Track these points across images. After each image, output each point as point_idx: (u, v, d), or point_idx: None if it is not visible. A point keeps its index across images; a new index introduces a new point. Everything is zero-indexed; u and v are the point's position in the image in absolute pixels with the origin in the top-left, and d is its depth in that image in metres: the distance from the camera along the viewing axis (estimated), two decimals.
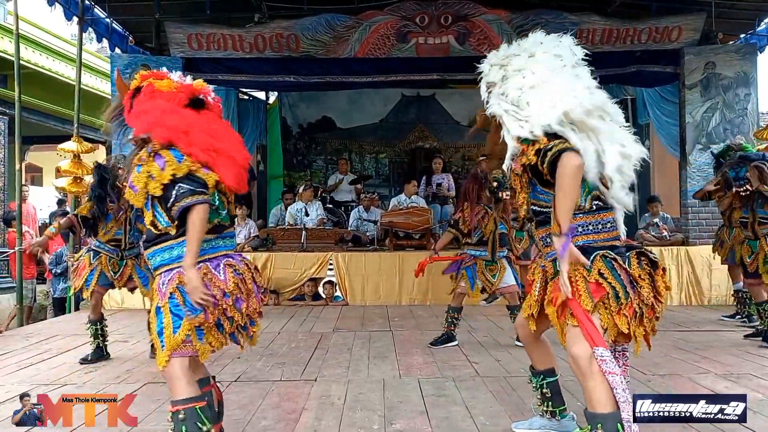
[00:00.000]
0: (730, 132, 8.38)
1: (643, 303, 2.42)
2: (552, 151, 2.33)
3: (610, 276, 2.39)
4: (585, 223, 2.48)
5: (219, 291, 2.47)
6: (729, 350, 5.15)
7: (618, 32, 8.61)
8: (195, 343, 2.45)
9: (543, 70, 2.54)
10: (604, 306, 2.41)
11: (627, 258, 2.44)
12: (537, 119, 2.43)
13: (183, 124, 2.50)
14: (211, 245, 2.56)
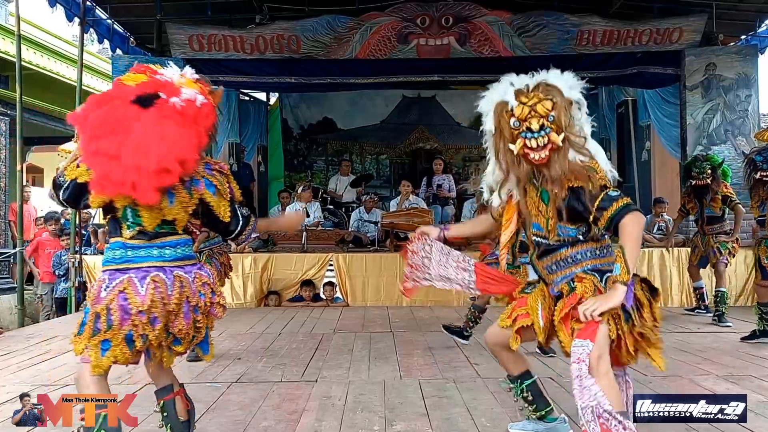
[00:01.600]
0: (730, 133, 8.39)
1: (645, 326, 2.45)
2: (619, 202, 2.39)
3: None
4: (593, 248, 2.56)
5: (135, 307, 2.36)
6: (730, 352, 5.14)
7: (619, 34, 8.62)
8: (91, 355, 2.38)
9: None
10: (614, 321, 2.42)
11: (633, 283, 2.45)
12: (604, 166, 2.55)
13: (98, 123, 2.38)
14: (140, 254, 2.44)
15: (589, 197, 2.41)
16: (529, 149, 2.47)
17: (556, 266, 2.59)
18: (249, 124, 12.40)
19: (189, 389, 4.15)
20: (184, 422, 2.64)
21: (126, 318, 2.35)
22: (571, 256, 2.56)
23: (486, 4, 8.78)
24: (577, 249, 2.56)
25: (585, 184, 2.41)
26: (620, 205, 2.37)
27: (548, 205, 2.54)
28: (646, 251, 8.09)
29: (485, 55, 8.82)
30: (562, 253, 2.58)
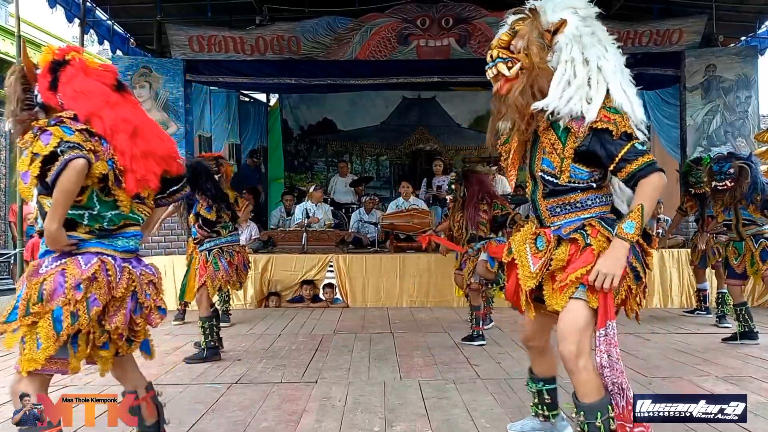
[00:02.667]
0: (730, 134, 8.40)
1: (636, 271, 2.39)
2: (645, 158, 2.27)
3: (631, 255, 2.32)
4: (601, 195, 2.45)
5: (72, 279, 2.22)
6: (730, 353, 5.14)
7: (619, 35, 8.53)
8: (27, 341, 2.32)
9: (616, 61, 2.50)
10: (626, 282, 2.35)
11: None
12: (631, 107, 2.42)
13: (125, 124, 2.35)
14: (90, 241, 2.32)
15: (613, 144, 2.27)
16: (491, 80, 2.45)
17: (562, 209, 2.44)
18: (249, 124, 12.41)
19: (189, 390, 4.17)
20: (151, 425, 2.60)
21: (59, 291, 2.21)
22: (581, 201, 2.42)
23: (486, 5, 8.78)
24: (588, 194, 2.42)
25: (611, 127, 2.27)
26: (646, 161, 2.25)
27: (565, 144, 2.37)
28: None
29: (485, 56, 8.80)
30: (572, 197, 2.42)
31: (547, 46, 2.36)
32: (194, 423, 3.45)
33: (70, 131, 2.22)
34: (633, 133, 2.30)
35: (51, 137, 2.18)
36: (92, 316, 2.25)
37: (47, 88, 2.37)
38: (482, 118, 13.24)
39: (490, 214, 5.21)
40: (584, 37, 2.38)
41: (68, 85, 2.33)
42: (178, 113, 8.57)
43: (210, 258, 5.17)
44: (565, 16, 2.36)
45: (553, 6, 2.39)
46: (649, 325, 6.54)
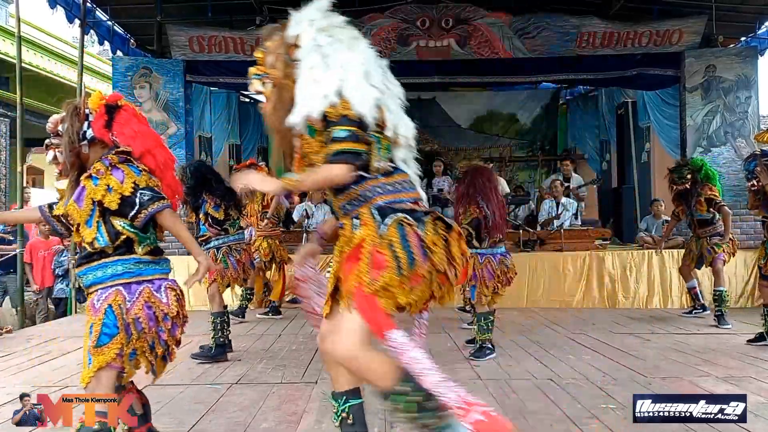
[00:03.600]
0: (730, 135, 8.39)
1: (435, 270, 2.23)
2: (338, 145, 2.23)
3: (398, 246, 2.17)
4: (383, 184, 2.33)
5: (161, 313, 2.53)
6: (729, 353, 5.14)
7: (619, 35, 8.62)
8: (125, 362, 2.49)
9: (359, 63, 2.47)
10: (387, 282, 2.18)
11: (423, 223, 2.25)
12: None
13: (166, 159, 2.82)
14: (147, 268, 2.64)
15: (332, 125, 2.25)
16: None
17: (351, 206, 2.34)
18: (249, 125, 12.41)
19: (189, 390, 4.17)
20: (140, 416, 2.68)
21: (152, 326, 2.51)
22: (362, 194, 2.30)
23: (486, 6, 8.78)
24: (368, 185, 2.30)
25: (329, 110, 2.24)
26: (338, 148, 2.21)
27: (314, 137, 2.34)
28: (646, 252, 8.09)
29: (485, 56, 8.82)
30: (354, 190, 2.32)
31: (292, 61, 2.38)
32: (194, 423, 3.45)
33: (138, 171, 2.61)
34: (352, 118, 2.24)
35: (124, 176, 2.56)
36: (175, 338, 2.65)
37: (103, 126, 2.68)
38: (482, 118, 13.25)
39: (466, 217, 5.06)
40: (324, 47, 2.37)
41: (126, 126, 2.70)
42: (178, 114, 8.56)
43: (219, 256, 5.24)
44: (302, 29, 2.41)
45: (295, 20, 2.44)
46: (649, 326, 6.55)
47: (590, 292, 8.05)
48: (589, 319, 6.98)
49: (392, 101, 2.44)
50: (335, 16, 2.52)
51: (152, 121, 8.44)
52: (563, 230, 8.29)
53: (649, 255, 8.04)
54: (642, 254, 8.10)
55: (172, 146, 8.45)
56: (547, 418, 3.48)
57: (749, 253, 7.65)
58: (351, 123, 2.23)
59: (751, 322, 6.29)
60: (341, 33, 2.48)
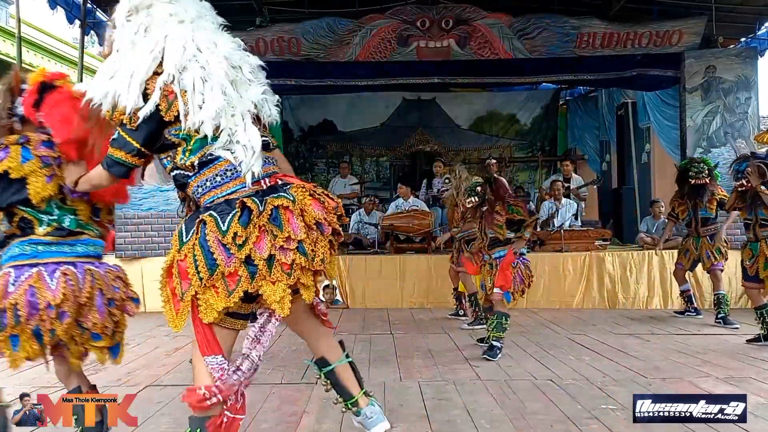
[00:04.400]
0: (730, 135, 8.39)
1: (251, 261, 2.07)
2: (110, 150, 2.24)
3: (198, 250, 2.07)
4: (202, 181, 2.19)
5: (44, 301, 2.42)
6: (730, 354, 5.14)
7: (619, 36, 8.62)
8: (5, 351, 2.46)
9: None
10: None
11: (227, 215, 2.08)
12: None
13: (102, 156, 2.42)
14: (46, 250, 2.52)
15: None
16: None
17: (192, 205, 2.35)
18: None
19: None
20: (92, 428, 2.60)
21: (34, 313, 2.41)
22: (194, 191, 2.24)
23: (486, 6, 8.78)
24: (192, 186, 2.23)
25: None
26: (108, 152, 2.23)
27: None
28: (646, 253, 8.09)
29: (485, 57, 8.82)
30: (188, 191, 2.28)
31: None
32: None
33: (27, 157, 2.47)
34: (126, 124, 2.15)
35: (6, 156, 2.46)
36: (66, 326, 2.48)
37: (31, 105, 2.56)
38: (482, 119, 13.26)
39: (504, 215, 5.15)
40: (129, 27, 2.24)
41: (55, 108, 2.52)
42: None
43: None
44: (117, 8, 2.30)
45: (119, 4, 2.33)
46: (649, 326, 6.55)
47: (590, 293, 8.05)
48: (589, 320, 6.98)
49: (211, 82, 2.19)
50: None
51: None
52: (563, 231, 8.29)
53: (650, 256, 8.04)
54: (642, 255, 8.10)
55: None
56: (547, 418, 3.48)
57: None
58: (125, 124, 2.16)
59: (750, 322, 6.28)
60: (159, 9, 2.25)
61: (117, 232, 8.47)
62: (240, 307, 2.22)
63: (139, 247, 8.32)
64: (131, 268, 8.19)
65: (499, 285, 5.08)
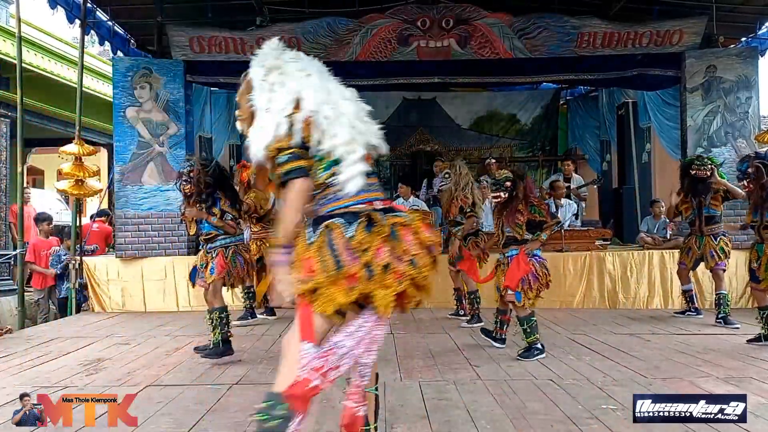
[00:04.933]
0: (731, 135, 8.38)
1: (375, 265, 2.33)
2: (284, 167, 2.45)
3: (325, 249, 2.35)
4: (326, 195, 2.49)
5: None
6: (730, 354, 5.14)
7: (619, 36, 8.61)
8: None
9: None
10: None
11: (354, 225, 2.38)
12: None
13: None
14: None
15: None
16: None
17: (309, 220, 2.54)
18: None
19: (190, 391, 4.17)
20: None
21: None
22: (313, 209, 2.51)
23: (486, 6, 8.77)
24: (316, 201, 2.50)
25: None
26: (280, 173, 2.44)
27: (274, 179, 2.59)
28: (646, 253, 8.09)
29: (485, 57, 8.82)
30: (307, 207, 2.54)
31: (249, 102, 2.66)
32: (194, 424, 3.45)
33: None
34: (285, 146, 2.46)
35: None
36: None
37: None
38: (483, 119, 13.25)
39: (526, 216, 5.12)
40: (275, 85, 2.59)
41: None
42: (178, 114, 8.56)
43: (228, 254, 5.26)
44: (253, 71, 2.67)
45: (252, 63, 2.71)
46: (650, 326, 6.55)
47: (591, 293, 8.05)
48: (589, 320, 6.98)
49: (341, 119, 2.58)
50: (286, 52, 2.77)
51: (152, 121, 8.46)
52: (564, 230, 8.29)
53: (650, 255, 8.04)
54: (642, 255, 8.10)
55: (172, 146, 8.47)
56: (547, 418, 3.48)
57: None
58: (287, 149, 2.45)
59: (751, 322, 6.28)
60: (290, 67, 2.68)
61: (117, 232, 8.48)
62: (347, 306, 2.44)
63: (139, 247, 8.31)
64: (131, 268, 8.22)
65: (506, 285, 5.07)
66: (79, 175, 8.06)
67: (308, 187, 2.44)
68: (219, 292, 5.25)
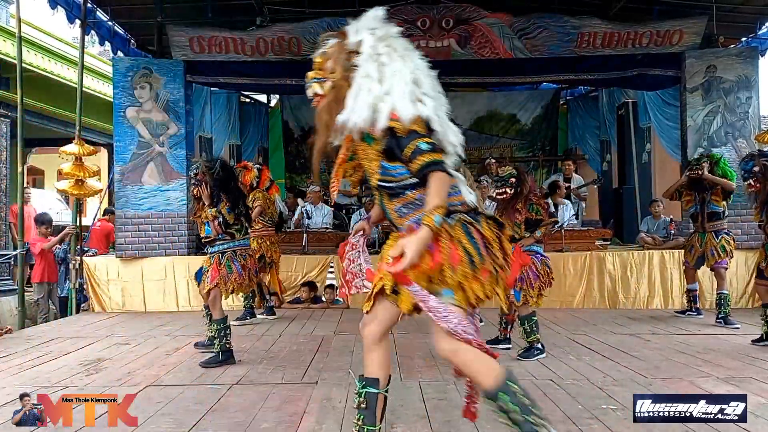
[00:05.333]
0: (731, 135, 8.38)
1: (497, 264, 2.39)
2: (427, 156, 2.36)
3: (466, 241, 2.34)
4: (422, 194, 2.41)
5: None
6: (730, 354, 5.14)
7: (619, 36, 8.61)
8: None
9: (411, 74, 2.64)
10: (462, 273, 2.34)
11: (480, 222, 2.42)
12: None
13: None
14: None
15: (400, 141, 2.40)
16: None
17: (407, 209, 2.50)
18: (249, 126, 12.42)
19: (190, 391, 4.17)
20: None
21: None
22: (418, 198, 2.44)
23: (486, 6, 8.77)
24: (423, 191, 2.39)
25: (397, 125, 2.39)
26: (429, 159, 2.35)
27: (371, 145, 2.50)
28: (647, 253, 8.09)
29: (485, 57, 8.81)
30: (409, 195, 2.48)
31: (351, 66, 2.57)
32: (194, 424, 3.45)
33: None
34: (420, 131, 2.42)
35: None
36: None
37: None
38: (483, 119, 13.25)
39: (524, 214, 5.11)
40: (382, 56, 2.54)
41: None
42: (178, 114, 8.56)
43: (223, 261, 5.13)
44: (363, 37, 2.59)
45: (356, 29, 2.65)
46: (650, 326, 6.54)
47: (591, 293, 8.05)
48: (589, 320, 6.98)
49: (441, 110, 2.63)
50: (391, 26, 2.67)
51: (153, 121, 8.46)
52: (564, 231, 8.29)
53: (650, 255, 8.04)
54: (642, 255, 8.10)
55: (172, 146, 8.47)
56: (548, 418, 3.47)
57: (750, 254, 7.66)
58: (424, 135, 2.41)
59: (751, 322, 6.29)
60: (396, 43, 2.61)
61: (117, 232, 8.48)
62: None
63: (140, 247, 8.31)
64: (131, 268, 8.22)
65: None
66: (79, 175, 8.06)
67: (448, 180, 2.39)
68: (218, 303, 5.08)
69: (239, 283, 5.20)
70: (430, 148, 2.38)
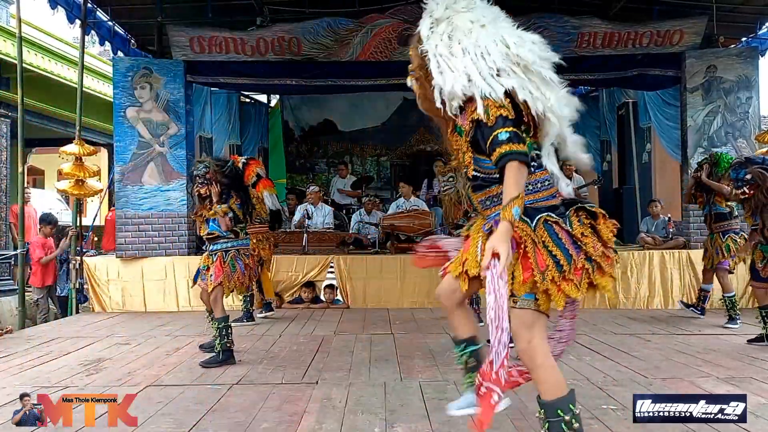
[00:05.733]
0: (731, 135, 8.38)
1: (592, 257, 2.35)
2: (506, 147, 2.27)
3: (551, 244, 2.31)
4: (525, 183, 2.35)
5: None
6: (731, 354, 5.14)
7: (619, 36, 8.61)
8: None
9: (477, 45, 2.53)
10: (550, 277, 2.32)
11: (567, 218, 2.37)
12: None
13: None
14: None
15: (484, 131, 2.33)
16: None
17: (491, 202, 2.48)
18: (250, 126, 12.42)
19: (190, 391, 4.17)
20: None
21: None
22: (503, 192, 2.34)
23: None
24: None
25: (481, 117, 2.31)
26: (506, 150, 2.26)
27: (462, 137, 2.48)
28: (647, 253, 8.08)
29: None
30: (493, 189, 2.45)
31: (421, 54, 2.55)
32: (194, 424, 3.45)
33: None
34: (508, 116, 2.31)
35: None
36: None
37: None
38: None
39: None
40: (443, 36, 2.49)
41: None
42: (178, 114, 8.56)
43: (228, 259, 5.17)
44: (422, 22, 2.58)
45: (422, 20, 2.61)
46: (650, 326, 6.54)
47: (591, 293, 8.02)
48: (589, 320, 6.97)
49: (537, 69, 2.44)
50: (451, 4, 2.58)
51: (153, 121, 8.46)
52: None
53: (650, 255, 8.03)
54: (643, 255, 8.09)
55: (172, 146, 8.47)
56: None
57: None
58: (508, 124, 2.29)
59: (751, 322, 6.28)
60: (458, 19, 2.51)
61: (117, 232, 8.47)
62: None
63: (140, 247, 8.31)
64: (131, 268, 8.22)
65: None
66: (80, 175, 8.06)
67: (525, 170, 2.29)
68: (220, 301, 5.09)
69: (241, 282, 5.28)
70: (509, 137, 2.27)
